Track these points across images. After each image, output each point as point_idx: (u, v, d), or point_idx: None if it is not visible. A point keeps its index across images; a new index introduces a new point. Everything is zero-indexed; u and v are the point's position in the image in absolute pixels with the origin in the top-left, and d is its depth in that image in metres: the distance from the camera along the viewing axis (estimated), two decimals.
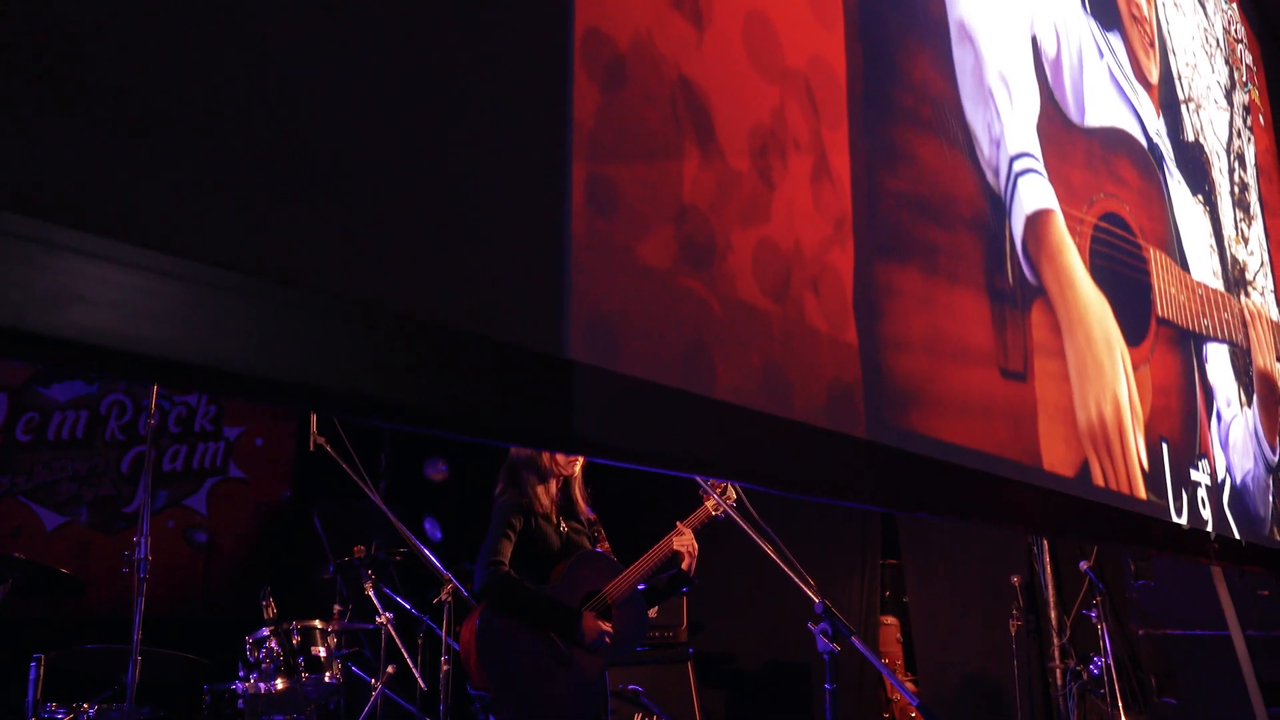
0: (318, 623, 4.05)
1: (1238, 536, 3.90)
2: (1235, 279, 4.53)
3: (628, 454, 1.59)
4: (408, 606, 4.38)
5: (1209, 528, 3.67)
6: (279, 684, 3.84)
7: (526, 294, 1.43)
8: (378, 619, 4.14)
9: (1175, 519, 3.42)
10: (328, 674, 3.97)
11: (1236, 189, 4.75)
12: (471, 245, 1.37)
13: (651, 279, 1.64)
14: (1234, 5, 5.40)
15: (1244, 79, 5.28)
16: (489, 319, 1.37)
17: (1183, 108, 4.31)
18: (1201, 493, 3.71)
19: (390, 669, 4.10)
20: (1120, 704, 4.95)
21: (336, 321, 1.19)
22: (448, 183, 1.35)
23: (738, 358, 1.80)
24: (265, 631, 3.93)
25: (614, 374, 1.53)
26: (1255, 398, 4.42)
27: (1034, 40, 3.08)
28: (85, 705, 3.63)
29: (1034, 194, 2.94)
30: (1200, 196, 4.32)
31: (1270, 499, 4.39)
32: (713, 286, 1.76)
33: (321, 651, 3.99)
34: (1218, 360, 4.13)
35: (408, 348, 1.27)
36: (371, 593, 4.19)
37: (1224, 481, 3.94)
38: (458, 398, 1.33)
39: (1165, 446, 3.47)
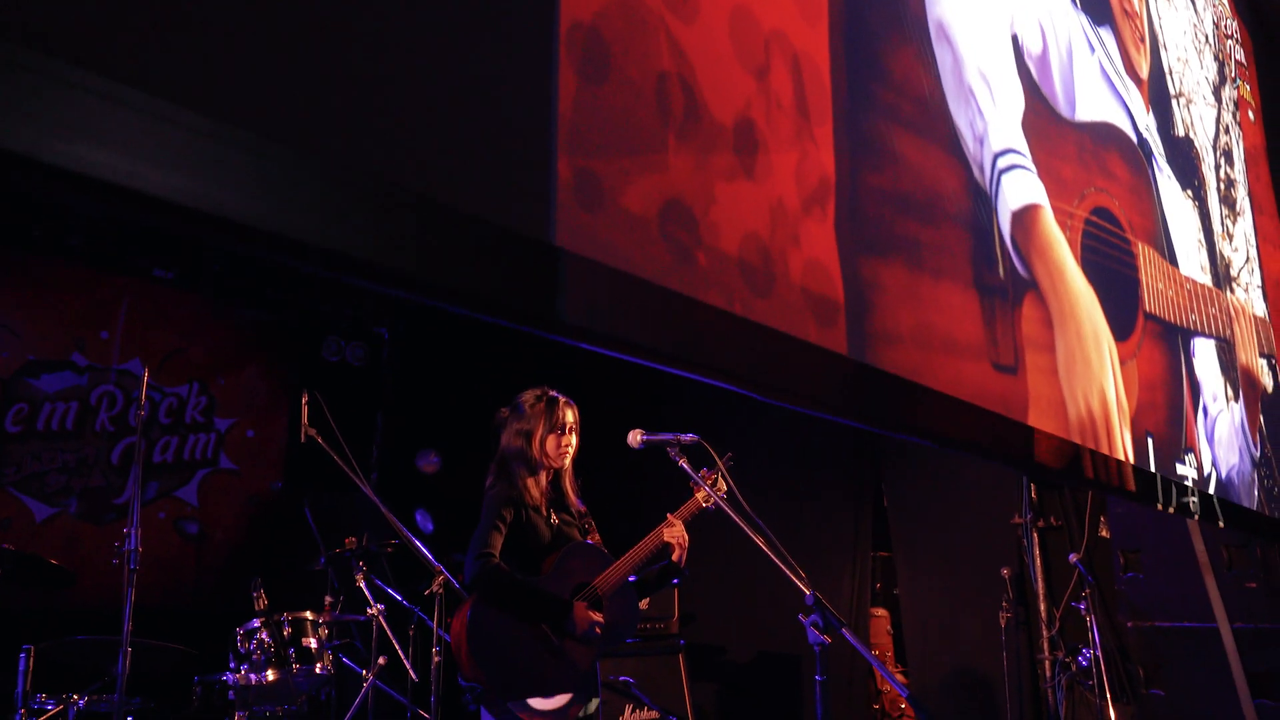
0: (309, 614, 4.06)
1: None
2: (1222, 274, 4.55)
3: (611, 342, 1.60)
4: (399, 598, 4.38)
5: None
6: (270, 675, 3.84)
7: (518, 185, 1.47)
8: (369, 610, 4.14)
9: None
10: (319, 665, 3.97)
11: (1222, 185, 4.77)
12: (470, 133, 1.41)
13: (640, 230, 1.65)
14: (1226, 0, 5.40)
15: (1233, 74, 5.29)
16: (484, 204, 1.42)
17: (1173, 103, 4.33)
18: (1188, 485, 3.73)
19: (381, 660, 4.11)
20: (1108, 695, 4.98)
21: (337, 186, 1.24)
22: (452, 76, 1.39)
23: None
24: (256, 623, 3.93)
25: (600, 264, 1.54)
26: (1240, 393, 4.45)
27: (1015, 39, 3.08)
28: (75, 696, 3.63)
29: (1020, 189, 2.95)
30: (1190, 192, 4.33)
31: (1256, 493, 4.41)
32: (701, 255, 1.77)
33: (312, 643, 3.99)
34: (1205, 355, 4.15)
35: (401, 218, 1.32)
36: (363, 584, 4.19)
37: (1210, 476, 3.96)
38: (449, 269, 1.37)
39: (1151, 441, 3.49)
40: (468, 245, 1.39)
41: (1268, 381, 4.85)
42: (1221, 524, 3.99)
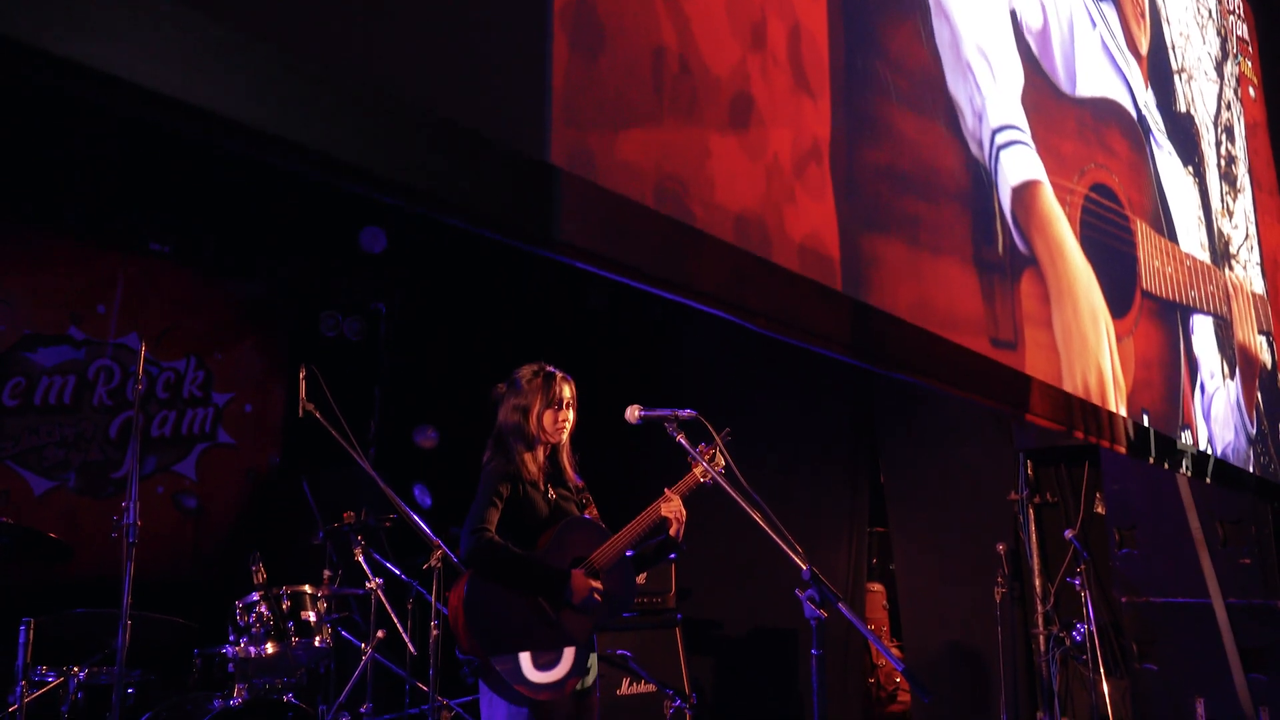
0: (307, 588, 4.07)
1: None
2: (1221, 252, 4.53)
3: (607, 263, 1.60)
4: (397, 572, 4.40)
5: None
6: (269, 648, 3.87)
7: (515, 103, 1.47)
8: (367, 584, 4.16)
9: None
10: (317, 638, 3.99)
11: (1223, 162, 4.75)
12: (468, 47, 1.42)
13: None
14: None
15: (1235, 50, 5.25)
16: (481, 121, 1.42)
17: (1175, 79, 4.30)
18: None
19: (380, 634, 4.14)
20: (1102, 670, 5.02)
21: (334, 91, 1.25)
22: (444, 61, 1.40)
23: None
24: (255, 596, 3.95)
25: (596, 185, 1.54)
26: (1237, 370, 4.45)
27: (1013, 14, 3.06)
28: (75, 669, 3.65)
29: (1020, 165, 2.94)
30: (1190, 168, 4.31)
31: (1252, 469, 4.43)
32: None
33: (311, 616, 4.01)
34: (1203, 332, 4.15)
35: (396, 127, 1.32)
36: (361, 558, 4.21)
37: (1206, 452, 3.97)
38: (443, 181, 1.38)
39: (1147, 418, 3.49)
40: (462, 158, 1.39)
41: (1266, 358, 4.85)
42: (1209, 480, 4.01)
